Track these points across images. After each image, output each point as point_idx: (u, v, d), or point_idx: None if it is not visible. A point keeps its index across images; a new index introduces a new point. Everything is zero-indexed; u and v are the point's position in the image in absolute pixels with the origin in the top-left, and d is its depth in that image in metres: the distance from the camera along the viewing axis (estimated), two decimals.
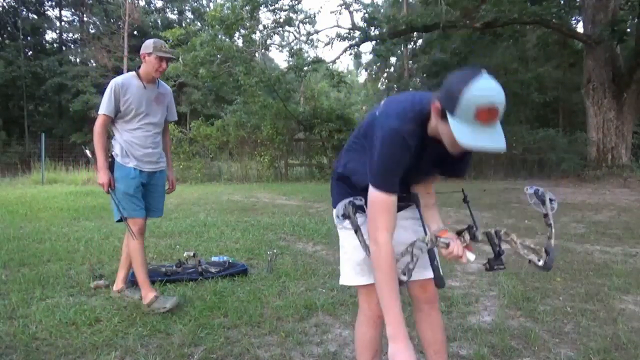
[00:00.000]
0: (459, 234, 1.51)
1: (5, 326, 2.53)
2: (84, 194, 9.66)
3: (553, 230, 1.51)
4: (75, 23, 29.42)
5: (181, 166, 14.15)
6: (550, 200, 1.55)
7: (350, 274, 1.65)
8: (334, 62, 16.70)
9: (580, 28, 14.86)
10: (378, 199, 1.40)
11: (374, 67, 29.29)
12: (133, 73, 3.01)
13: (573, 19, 16.45)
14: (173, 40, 15.41)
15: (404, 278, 1.40)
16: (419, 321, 1.73)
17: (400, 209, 1.50)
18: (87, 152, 3.13)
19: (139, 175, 2.97)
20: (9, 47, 25.19)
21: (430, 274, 1.54)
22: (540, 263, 1.47)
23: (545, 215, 1.53)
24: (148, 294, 2.83)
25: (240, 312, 2.75)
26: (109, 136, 2.97)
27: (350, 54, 16.63)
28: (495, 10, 12.35)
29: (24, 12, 27.11)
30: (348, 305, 2.89)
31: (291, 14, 15.88)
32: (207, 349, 2.28)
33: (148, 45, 2.96)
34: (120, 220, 2.96)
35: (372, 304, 1.58)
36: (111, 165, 2.94)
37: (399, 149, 1.35)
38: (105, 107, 2.87)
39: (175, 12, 31.17)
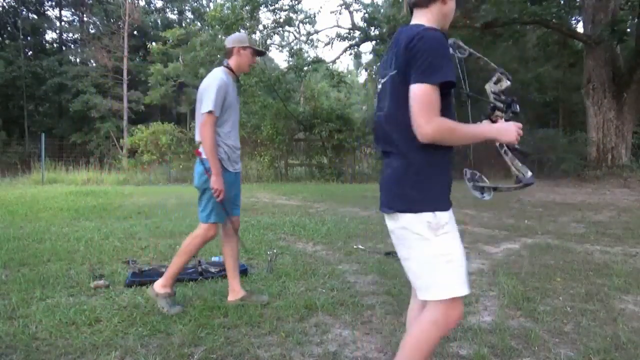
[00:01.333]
0: (501, 110, 1.63)
1: (5, 326, 2.53)
2: (84, 194, 9.67)
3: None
4: (75, 23, 29.44)
5: (181, 166, 14.17)
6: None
7: (460, 283, 1.51)
8: (334, 62, 16.79)
9: (580, 28, 14.88)
10: (426, 91, 1.41)
11: (374, 67, 29.27)
12: (224, 69, 2.82)
13: (573, 19, 16.47)
14: (173, 40, 15.43)
15: (530, 173, 1.54)
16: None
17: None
18: (203, 156, 2.74)
19: (235, 179, 2.89)
20: (9, 47, 25.21)
21: None
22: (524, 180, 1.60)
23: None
24: (166, 288, 2.79)
25: (240, 312, 2.75)
26: None
27: (350, 54, 16.67)
28: (495, 10, 12.36)
29: (24, 12, 27.13)
30: (348, 305, 2.89)
31: (291, 14, 15.92)
32: (207, 349, 2.28)
33: (242, 38, 2.85)
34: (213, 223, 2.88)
35: (453, 312, 1.54)
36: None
37: (446, 45, 1.48)
38: (215, 105, 2.66)
39: (175, 12, 31.19)
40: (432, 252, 1.49)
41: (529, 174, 1.55)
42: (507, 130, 1.53)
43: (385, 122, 1.55)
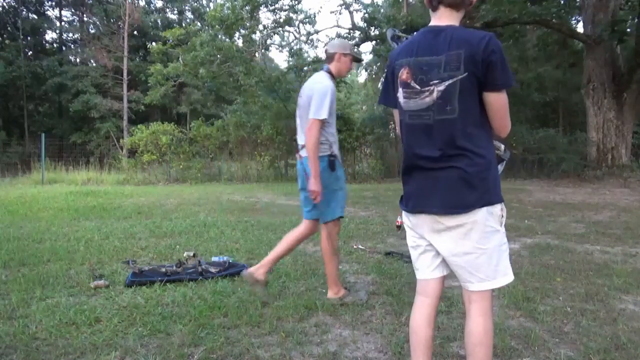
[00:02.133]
0: None
1: (5, 326, 2.53)
2: (84, 194, 9.67)
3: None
4: (75, 23, 29.44)
5: (181, 166, 14.17)
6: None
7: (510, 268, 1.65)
8: None
9: (580, 28, 14.87)
10: (506, 95, 1.55)
11: (374, 67, 29.28)
12: (326, 74, 2.98)
13: (573, 19, 16.46)
14: (173, 40, 15.40)
15: (503, 146, 1.73)
16: (430, 318, 1.74)
17: None
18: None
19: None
20: (9, 47, 25.20)
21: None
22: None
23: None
24: (340, 290, 2.98)
25: (240, 312, 2.75)
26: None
27: None
28: (495, 10, 12.35)
29: (24, 12, 27.12)
30: (348, 305, 2.89)
31: (291, 14, 15.90)
32: (207, 349, 2.28)
33: (344, 45, 3.01)
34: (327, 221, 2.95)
35: (492, 298, 1.67)
36: (333, 164, 2.90)
37: None
38: (326, 111, 2.81)
39: (175, 12, 31.19)
40: (500, 242, 1.59)
41: (502, 146, 1.70)
42: None
43: (457, 124, 1.53)
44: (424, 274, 1.74)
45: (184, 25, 23.64)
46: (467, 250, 1.58)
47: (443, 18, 1.60)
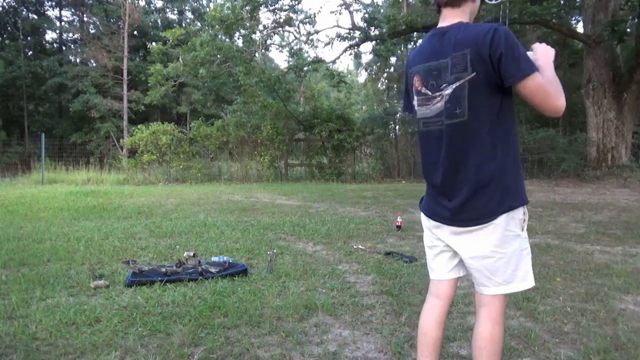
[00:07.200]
0: None
1: (5, 326, 2.53)
2: (84, 194, 9.67)
3: None
4: (75, 23, 29.44)
5: (181, 166, 14.18)
6: None
7: (532, 274, 1.61)
8: (334, 62, 16.68)
9: (580, 28, 14.87)
10: (538, 76, 1.39)
11: (374, 67, 29.28)
12: None
13: (573, 19, 16.46)
14: (173, 40, 15.39)
15: None
16: (441, 320, 1.73)
17: None
18: None
19: None
20: (9, 47, 25.21)
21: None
22: None
23: None
24: None
25: (240, 312, 2.75)
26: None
27: (350, 54, 16.61)
28: (496, 10, 12.34)
29: (24, 12, 27.13)
30: (348, 305, 2.89)
31: (291, 14, 15.87)
32: (207, 349, 2.28)
33: None
34: None
35: (505, 303, 1.64)
36: None
37: None
38: None
39: (175, 12, 31.20)
40: (520, 247, 1.56)
41: None
42: (548, 51, 1.53)
43: (468, 127, 1.47)
44: (439, 275, 1.72)
45: (184, 25, 23.65)
46: (485, 254, 1.55)
47: (447, 18, 1.57)
